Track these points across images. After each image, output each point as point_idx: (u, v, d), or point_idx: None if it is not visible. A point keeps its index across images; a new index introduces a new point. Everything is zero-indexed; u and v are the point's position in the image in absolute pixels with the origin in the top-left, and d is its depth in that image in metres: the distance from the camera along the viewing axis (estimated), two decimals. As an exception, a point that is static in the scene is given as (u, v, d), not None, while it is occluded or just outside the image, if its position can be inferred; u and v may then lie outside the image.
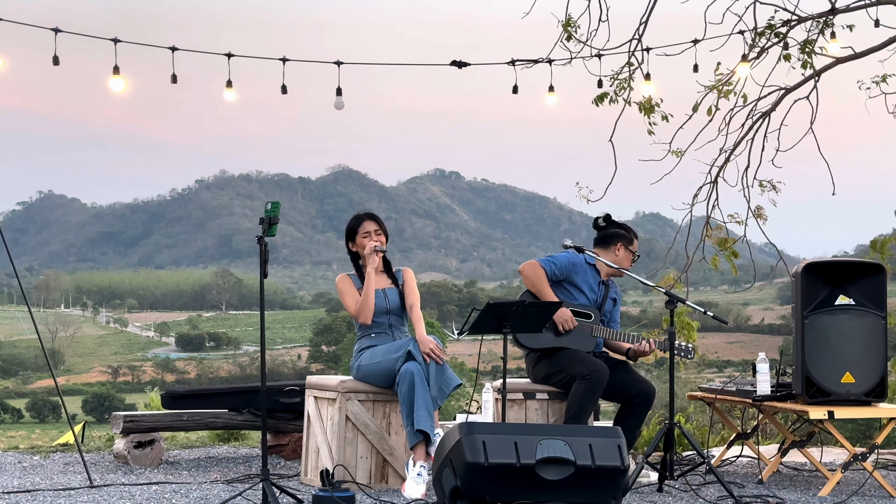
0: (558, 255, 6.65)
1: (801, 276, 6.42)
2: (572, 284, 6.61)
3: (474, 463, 4.92)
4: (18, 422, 66.98)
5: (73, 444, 8.00)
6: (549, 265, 6.55)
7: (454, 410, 9.20)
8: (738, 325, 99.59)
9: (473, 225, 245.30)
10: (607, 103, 8.53)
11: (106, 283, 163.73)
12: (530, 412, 6.50)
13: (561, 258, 6.61)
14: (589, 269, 6.67)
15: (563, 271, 6.58)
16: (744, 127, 8.62)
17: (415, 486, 5.73)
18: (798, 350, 6.38)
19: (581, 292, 6.60)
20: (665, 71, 8.73)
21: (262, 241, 5.44)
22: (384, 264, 6.36)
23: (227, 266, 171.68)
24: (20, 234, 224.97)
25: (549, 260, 6.59)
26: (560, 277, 6.58)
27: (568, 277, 6.60)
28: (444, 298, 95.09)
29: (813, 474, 7.03)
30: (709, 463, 6.07)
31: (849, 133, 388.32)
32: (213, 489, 6.16)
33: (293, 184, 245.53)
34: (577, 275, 6.62)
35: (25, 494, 5.93)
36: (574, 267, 6.61)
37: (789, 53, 8.34)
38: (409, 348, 5.92)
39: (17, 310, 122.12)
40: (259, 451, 7.85)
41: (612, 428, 5.27)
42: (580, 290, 6.60)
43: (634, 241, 6.77)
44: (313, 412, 6.35)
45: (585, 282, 6.63)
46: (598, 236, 6.80)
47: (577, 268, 6.63)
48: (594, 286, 6.67)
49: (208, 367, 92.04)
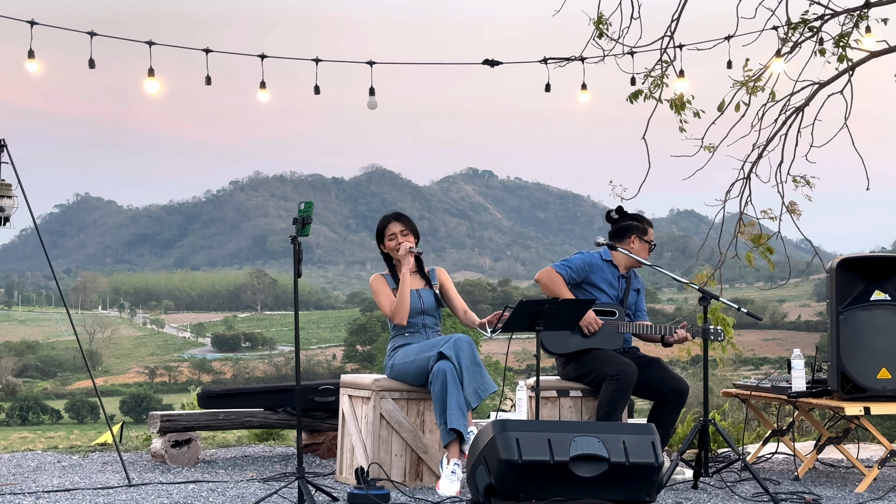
0: (573, 258, 6.64)
1: (836, 272, 6.39)
2: (591, 285, 6.60)
3: (508, 460, 4.94)
4: (57, 423, 67.61)
5: (111, 443, 8.08)
6: (564, 269, 6.55)
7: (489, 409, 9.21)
8: (775, 322, 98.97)
9: (507, 223, 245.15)
10: (642, 100, 8.50)
11: (142, 284, 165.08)
12: (564, 410, 6.50)
13: (575, 260, 6.60)
14: (606, 266, 6.65)
15: (579, 273, 6.57)
16: (777, 122, 8.57)
17: (449, 483, 5.75)
18: (833, 346, 6.34)
19: (602, 291, 6.58)
20: (698, 67, 8.70)
21: (295, 241, 5.48)
22: (417, 264, 6.38)
23: (261, 266, 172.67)
24: (58, 236, 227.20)
25: (564, 264, 6.59)
26: (578, 280, 6.57)
27: (586, 279, 6.59)
28: (478, 297, 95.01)
29: (849, 471, 6.99)
30: (744, 460, 6.05)
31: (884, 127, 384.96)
32: (249, 487, 6.20)
33: (327, 184, 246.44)
34: (595, 274, 6.60)
35: (65, 493, 6.00)
36: (590, 267, 6.60)
37: (824, 48, 8.28)
38: (442, 349, 5.94)
39: (55, 311, 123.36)
40: (294, 450, 7.90)
41: (645, 425, 5.27)
42: (600, 289, 6.59)
43: (649, 230, 6.73)
44: (348, 411, 6.38)
45: (604, 280, 6.62)
46: (612, 230, 6.76)
47: (594, 267, 6.61)
48: (614, 282, 6.65)
49: (244, 367, 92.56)
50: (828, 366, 6.47)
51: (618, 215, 6.77)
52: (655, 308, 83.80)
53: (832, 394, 6.42)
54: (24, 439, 37.79)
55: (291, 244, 5.49)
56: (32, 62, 7.71)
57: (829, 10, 8.20)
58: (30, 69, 7.73)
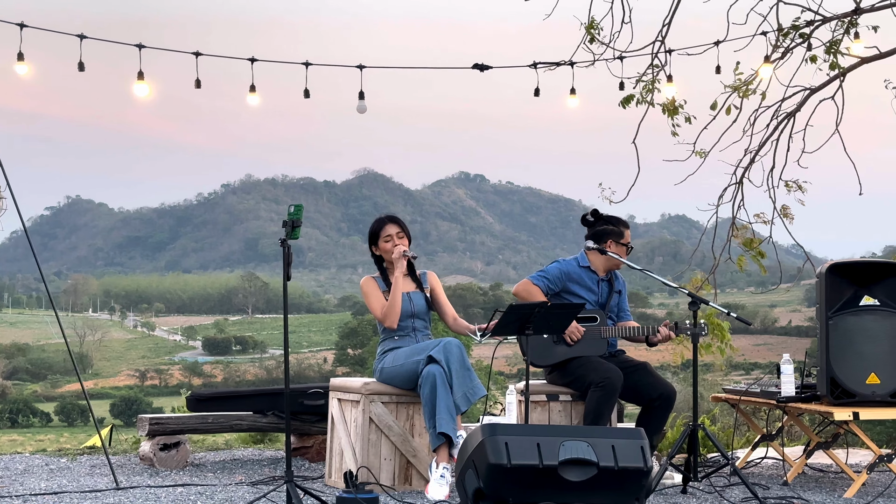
0: (549, 268, 6.64)
1: (826, 277, 6.39)
2: (570, 293, 6.59)
3: (497, 464, 4.93)
4: (47, 425, 67.39)
5: (99, 446, 8.06)
6: (541, 281, 6.54)
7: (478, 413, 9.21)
8: (765, 328, 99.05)
9: (498, 228, 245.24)
10: (634, 105, 8.51)
11: (133, 287, 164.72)
12: (553, 414, 6.50)
13: (552, 270, 6.60)
14: (584, 272, 6.64)
15: (556, 283, 6.57)
16: (769, 127, 8.59)
17: (438, 487, 5.74)
18: (822, 351, 6.34)
19: (581, 298, 6.57)
20: (689, 72, 8.70)
21: (285, 244, 5.47)
22: (408, 267, 6.37)
23: (253, 270, 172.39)
24: (49, 238, 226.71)
25: (540, 275, 6.59)
26: (556, 289, 6.57)
27: (564, 287, 6.59)
28: (469, 301, 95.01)
29: (838, 476, 7.00)
30: (733, 464, 6.05)
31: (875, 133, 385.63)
32: (237, 491, 6.19)
33: (318, 188, 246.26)
34: (573, 282, 6.60)
35: (52, 496, 5.98)
36: (567, 276, 6.59)
37: (815, 55, 8.30)
38: (431, 353, 5.93)
39: (45, 314, 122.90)
40: (283, 454, 7.89)
41: (635, 429, 5.26)
42: (579, 296, 6.57)
43: (625, 232, 6.70)
44: (337, 414, 6.37)
45: (583, 286, 6.61)
46: (588, 234, 6.74)
47: (571, 275, 6.60)
48: (594, 287, 6.64)
49: (235, 370, 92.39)
50: (817, 371, 6.47)
51: (593, 218, 6.76)
52: (647, 312, 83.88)
53: (821, 399, 6.42)
54: (13, 442, 37.62)
55: (282, 247, 5.48)
56: (22, 64, 7.69)
57: (820, 16, 8.22)
58: (19, 71, 7.71)
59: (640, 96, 8.49)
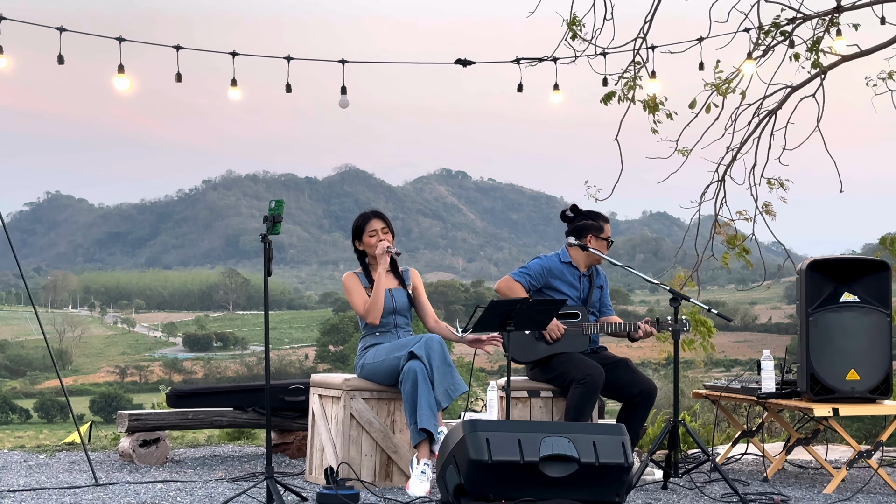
0: (530, 264, 6.64)
1: (806, 274, 6.41)
2: (552, 289, 6.59)
3: (478, 460, 4.92)
4: (26, 422, 67.08)
5: (79, 443, 8.01)
6: (523, 277, 6.54)
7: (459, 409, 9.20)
8: (746, 325, 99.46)
9: (480, 224, 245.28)
10: (616, 102, 8.51)
11: (113, 283, 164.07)
12: (534, 410, 6.50)
13: (533, 266, 6.60)
14: (565, 268, 6.64)
15: (538, 279, 6.57)
16: (750, 125, 8.61)
17: (419, 483, 5.73)
18: (803, 347, 6.37)
19: (563, 294, 6.57)
20: (671, 69, 8.71)
21: (265, 239, 5.45)
22: (391, 264, 6.35)
23: (234, 266, 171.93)
24: (28, 234, 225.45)
25: (522, 272, 6.58)
26: (538, 286, 6.57)
27: (546, 283, 6.58)
28: (451, 298, 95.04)
29: (818, 472, 7.02)
30: (713, 460, 6.06)
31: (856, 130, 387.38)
32: (217, 487, 6.16)
33: (300, 184, 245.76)
34: (555, 278, 6.59)
35: (30, 493, 5.94)
36: (549, 272, 6.59)
37: (798, 53, 8.32)
38: (412, 349, 5.92)
39: (24, 310, 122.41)
40: (264, 450, 7.86)
41: (616, 425, 5.27)
42: (561, 292, 6.57)
43: (605, 226, 6.69)
44: (318, 410, 6.35)
45: (565, 282, 6.61)
46: (568, 229, 6.73)
47: (553, 271, 6.60)
48: (575, 283, 6.64)
49: (216, 367, 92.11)
50: (797, 367, 6.49)
51: (573, 214, 6.75)
52: (628, 310, 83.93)
53: (801, 395, 6.45)
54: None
55: (262, 242, 5.46)
56: (1, 58, 7.63)
57: (801, 14, 8.24)
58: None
59: (621, 93, 8.49)
